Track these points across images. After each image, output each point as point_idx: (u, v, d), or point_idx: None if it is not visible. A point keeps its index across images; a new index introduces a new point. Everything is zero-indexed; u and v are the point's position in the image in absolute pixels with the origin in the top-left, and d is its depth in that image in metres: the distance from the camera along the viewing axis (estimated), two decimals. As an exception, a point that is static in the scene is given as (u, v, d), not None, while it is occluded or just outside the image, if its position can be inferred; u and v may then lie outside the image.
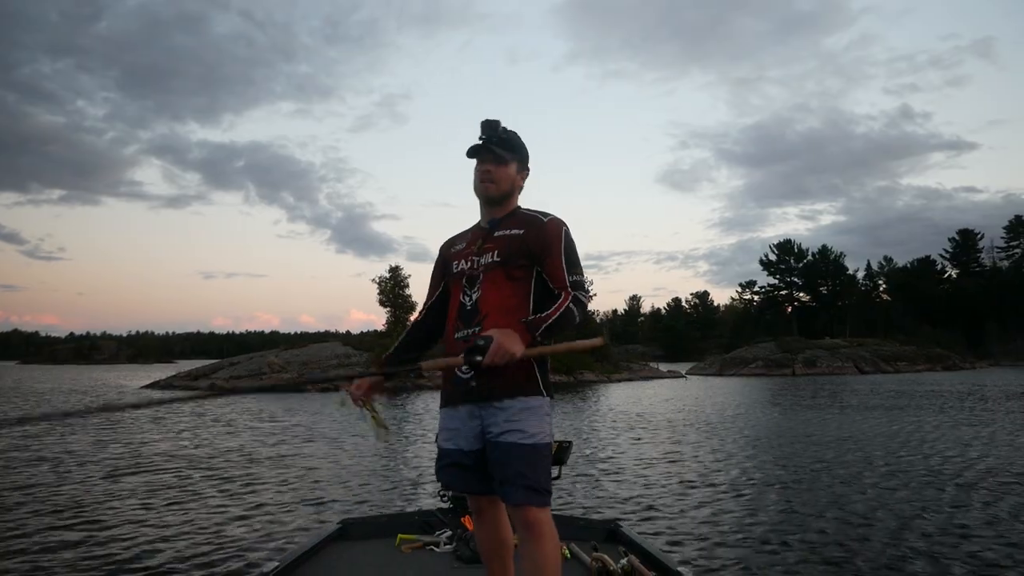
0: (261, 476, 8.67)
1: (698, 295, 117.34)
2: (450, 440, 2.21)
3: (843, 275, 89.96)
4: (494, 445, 2.10)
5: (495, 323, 2.11)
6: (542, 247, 2.19)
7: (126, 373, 55.31)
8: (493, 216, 2.31)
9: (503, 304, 2.17)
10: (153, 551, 5.27)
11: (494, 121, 2.28)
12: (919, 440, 11.55)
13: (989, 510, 6.45)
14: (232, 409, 19.56)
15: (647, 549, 3.07)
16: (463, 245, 2.32)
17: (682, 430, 13.90)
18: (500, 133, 2.28)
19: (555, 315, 2.09)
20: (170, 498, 7.27)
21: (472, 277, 2.23)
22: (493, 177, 2.26)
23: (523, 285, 2.20)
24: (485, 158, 2.27)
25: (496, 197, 2.28)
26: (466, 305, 2.21)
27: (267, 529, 5.97)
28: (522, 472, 2.03)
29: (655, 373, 45.26)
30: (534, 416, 2.11)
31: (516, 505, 2.04)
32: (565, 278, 2.17)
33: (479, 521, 2.31)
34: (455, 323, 2.23)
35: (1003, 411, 17.02)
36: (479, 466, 2.16)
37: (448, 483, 2.33)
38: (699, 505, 6.89)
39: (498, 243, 2.22)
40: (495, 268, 2.20)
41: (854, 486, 7.71)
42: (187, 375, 38.23)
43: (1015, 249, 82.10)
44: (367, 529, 3.51)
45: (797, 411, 18.19)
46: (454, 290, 2.30)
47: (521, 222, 2.26)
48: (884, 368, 49.33)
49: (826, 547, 5.34)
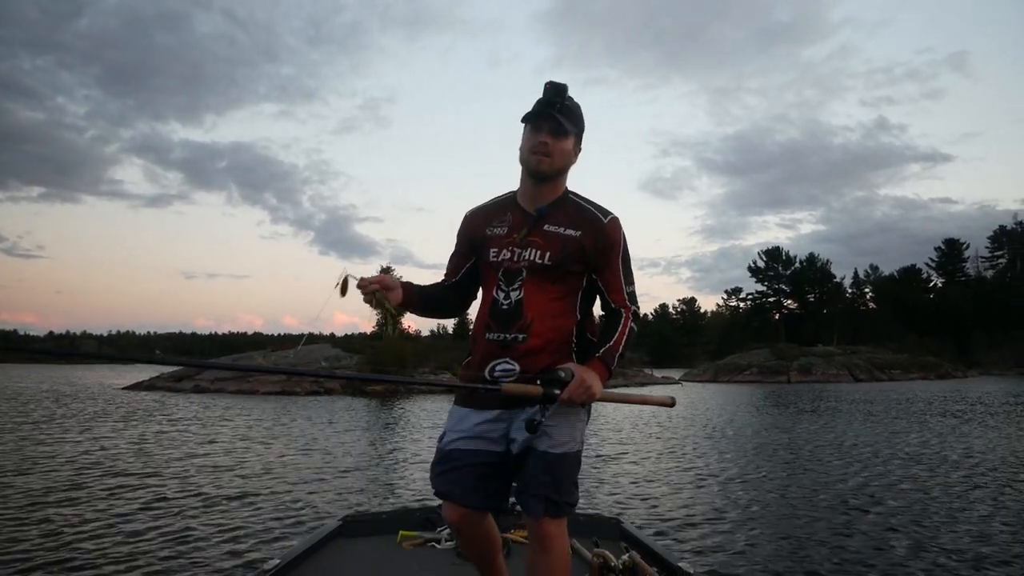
0: (262, 474, 8.61)
1: (685, 301, 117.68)
2: (465, 441, 1.98)
3: (830, 283, 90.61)
4: (522, 452, 1.94)
5: (540, 331, 1.93)
6: (601, 255, 1.98)
7: (107, 373, 54.70)
8: (540, 199, 2.00)
9: (548, 310, 1.95)
10: (153, 550, 5.25)
11: (562, 85, 1.96)
12: (930, 449, 11.26)
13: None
14: (228, 410, 19.27)
15: (649, 545, 3.04)
16: (503, 230, 2.02)
17: (684, 432, 14.10)
18: (567, 100, 1.96)
19: (623, 341, 1.96)
20: (170, 496, 7.20)
21: (512, 272, 1.97)
22: (550, 150, 1.95)
23: (571, 292, 1.99)
24: (544, 127, 1.95)
25: (549, 173, 1.98)
26: (502, 303, 1.97)
27: (268, 526, 6.00)
28: (545, 482, 1.90)
29: (649, 379, 45.13)
30: (567, 422, 1.94)
31: (533, 516, 1.91)
32: (623, 291, 2.01)
33: (463, 538, 2.10)
34: (486, 320, 1.99)
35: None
36: (496, 475, 1.99)
37: (447, 491, 2.00)
38: (701, 502, 6.99)
39: (550, 242, 1.96)
40: (543, 270, 1.95)
41: (857, 489, 7.77)
42: (170, 376, 37.40)
43: (999, 259, 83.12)
44: (368, 526, 3.44)
45: (798, 417, 18.25)
46: (488, 280, 2.03)
47: (577, 219, 1.98)
48: (879, 376, 49.26)
49: (827, 545, 5.44)
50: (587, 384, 1.85)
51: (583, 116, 2.02)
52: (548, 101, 1.95)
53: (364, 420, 17.26)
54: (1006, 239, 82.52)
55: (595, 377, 1.88)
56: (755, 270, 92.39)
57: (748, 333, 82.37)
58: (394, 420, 17.09)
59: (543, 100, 1.96)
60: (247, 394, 29.81)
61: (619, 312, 2.01)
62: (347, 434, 13.11)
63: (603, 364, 1.92)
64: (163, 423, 15.97)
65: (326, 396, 29.32)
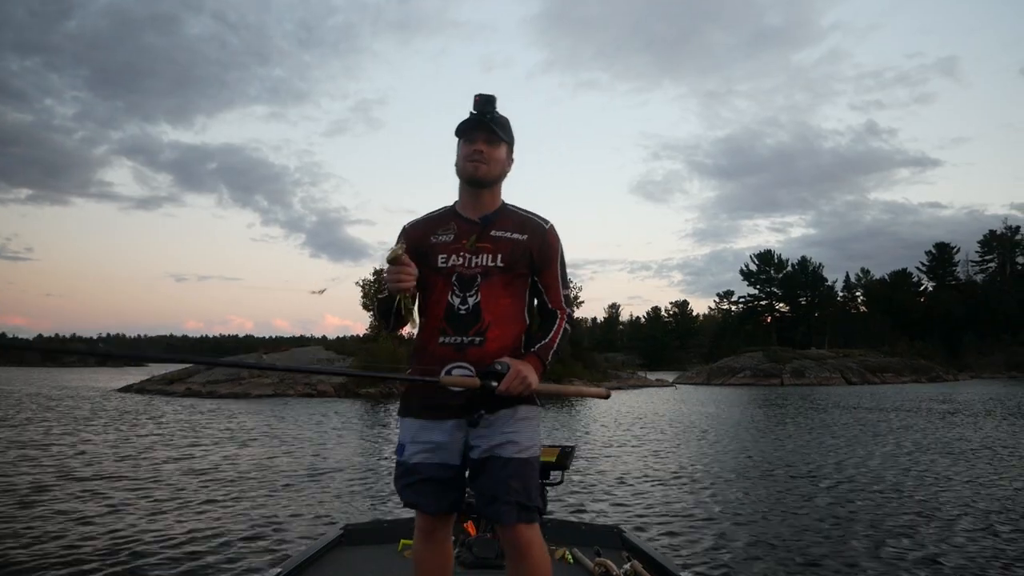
0: (261, 483, 8.50)
1: (677, 304, 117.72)
2: (427, 454, 2.01)
3: (822, 286, 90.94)
4: (485, 460, 1.97)
5: (498, 334, 2.00)
6: (543, 259, 2.09)
7: (97, 376, 54.30)
8: (481, 207, 2.10)
9: (504, 314, 2.03)
10: (154, 558, 5.19)
11: (491, 96, 2.07)
12: (930, 450, 11.21)
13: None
14: (225, 416, 19.08)
15: (649, 554, 3.04)
16: (449, 237, 2.09)
17: (683, 438, 14.11)
18: (496, 112, 2.08)
19: (557, 339, 2.07)
20: (171, 505, 7.09)
21: (467, 278, 2.03)
22: (486, 157, 2.05)
23: (520, 294, 2.09)
24: (479, 136, 2.06)
25: (486, 180, 2.07)
26: (458, 308, 2.02)
27: (269, 535, 5.92)
28: (516, 488, 1.93)
29: (643, 382, 45.07)
30: (529, 427, 2.02)
31: (508, 524, 1.93)
32: (560, 294, 2.13)
33: (429, 541, 2.08)
34: (440, 324, 2.02)
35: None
36: (457, 483, 2.04)
37: (416, 502, 2.06)
38: (701, 511, 6.95)
39: (499, 246, 2.05)
40: (497, 273, 2.03)
41: (859, 495, 7.77)
42: (161, 379, 37.09)
43: (989, 263, 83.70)
44: (369, 535, 3.43)
45: (795, 421, 18.23)
46: (437, 286, 2.06)
47: (521, 225, 2.10)
48: (871, 379, 49.43)
49: (828, 553, 5.42)
50: (523, 375, 1.92)
51: (512, 129, 2.13)
52: (480, 112, 2.06)
53: (358, 424, 17.12)
54: (996, 244, 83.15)
55: (531, 369, 1.96)
56: (747, 273, 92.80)
57: (740, 336, 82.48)
58: (389, 423, 16.96)
59: (475, 111, 2.06)
60: (239, 397, 29.58)
61: (555, 313, 2.12)
62: (342, 439, 13.02)
63: (538, 359, 2.02)
64: (155, 426, 15.78)
65: (319, 398, 29.14)
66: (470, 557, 3.00)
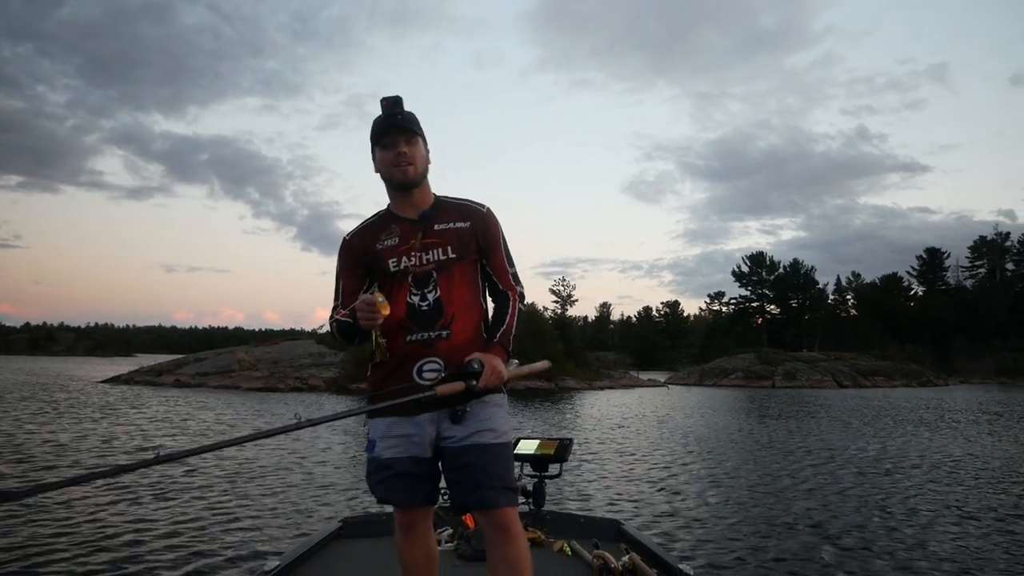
0: (260, 476, 8.47)
1: (669, 304, 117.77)
2: (398, 449, 2.02)
3: (813, 289, 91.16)
4: (464, 448, 1.98)
5: (462, 325, 2.04)
6: (488, 243, 2.13)
7: (84, 365, 54.11)
8: (417, 205, 2.11)
9: (463, 304, 2.07)
10: (153, 551, 5.18)
11: (397, 97, 2.07)
12: (929, 453, 11.26)
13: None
14: (224, 409, 18.93)
15: (648, 547, 3.04)
16: (395, 240, 2.09)
17: (679, 435, 14.21)
18: (405, 111, 2.07)
19: (514, 323, 2.11)
20: (170, 498, 7.06)
21: (422, 275, 2.05)
22: (410, 158, 2.05)
23: (474, 280, 2.13)
24: (398, 139, 2.05)
25: (416, 180, 2.09)
26: (419, 306, 2.04)
27: (268, 528, 5.93)
28: (499, 473, 1.98)
29: (635, 381, 45.10)
30: (501, 414, 2.06)
31: (496, 508, 1.96)
32: (508, 273, 2.16)
33: (410, 535, 2.11)
34: (405, 324, 2.03)
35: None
36: (431, 475, 2.06)
37: (390, 497, 2.07)
38: (700, 504, 7.00)
39: (445, 237, 2.08)
40: (451, 265, 2.06)
41: (856, 491, 7.83)
42: (150, 370, 36.81)
43: (979, 269, 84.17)
44: (368, 528, 3.42)
45: (788, 421, 18.35)
46: (394, 290, 2.06)
47: (460, 213, 2.12)
48: (862, 383, 49.63)
49: (825, 545, 5.47)
50: (497, 369, 1.98)
51: (419, 122, 2.14)
52: (390, 115, 2.05)
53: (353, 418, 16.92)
54: (986, 249, 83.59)
55: (500, 361, 2.00)
56: (739, 275, 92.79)
57: (731, 337, 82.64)
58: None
59: (385, 115, 2.05)
60: (229, 389, 29.36)
61: (507, 295, 2.16)
62: (336, 433, 12.89)
63: (502, 348, 2.06)
64: (143, 418, 15.59)
65: (310, 392, 28.94)
66: (469, 550, 2.98)
